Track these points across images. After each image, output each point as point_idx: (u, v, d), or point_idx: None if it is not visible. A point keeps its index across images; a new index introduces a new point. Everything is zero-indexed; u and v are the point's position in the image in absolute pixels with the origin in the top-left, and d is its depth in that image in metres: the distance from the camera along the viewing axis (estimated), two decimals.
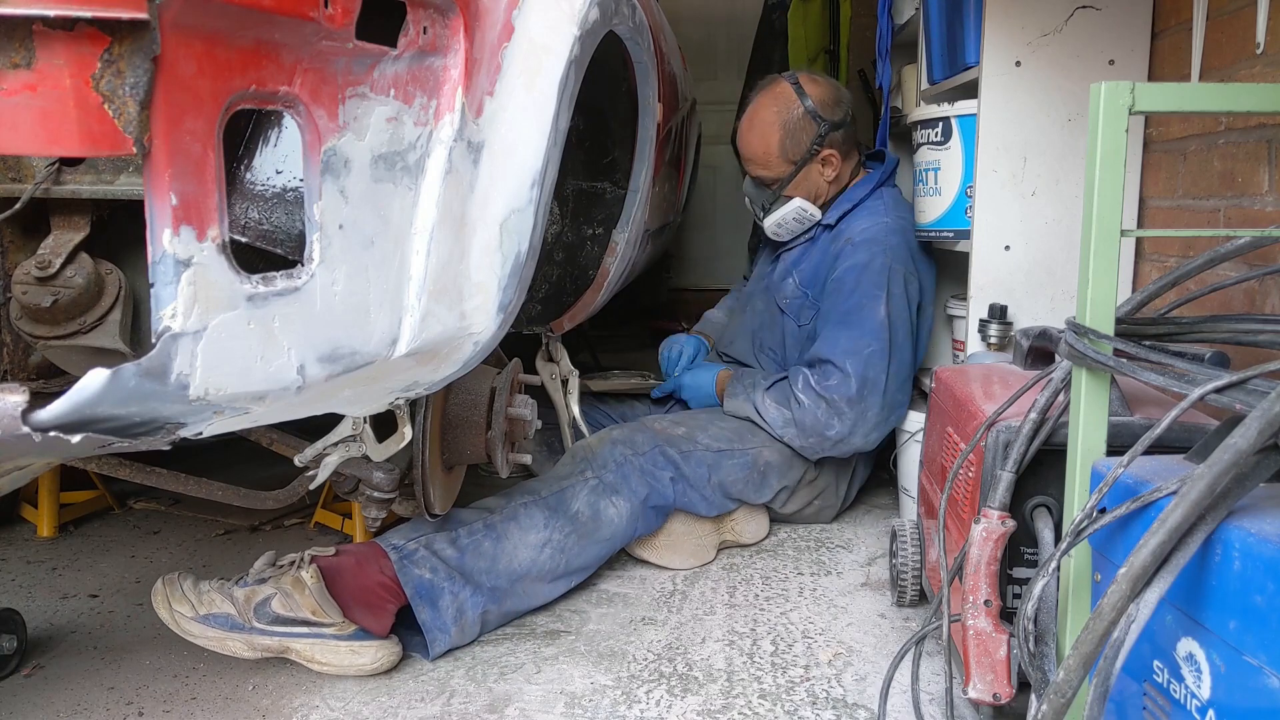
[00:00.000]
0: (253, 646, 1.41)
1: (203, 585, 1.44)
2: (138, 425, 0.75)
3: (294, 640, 1.41)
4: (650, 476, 1.79)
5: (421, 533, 1.53)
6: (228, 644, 1.41)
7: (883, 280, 1.94)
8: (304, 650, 1.42)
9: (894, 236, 2.00)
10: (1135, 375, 0.93)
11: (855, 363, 1.89)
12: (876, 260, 1.96)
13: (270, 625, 1.41)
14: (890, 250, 1.98)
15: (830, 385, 1.89)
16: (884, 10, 2.43)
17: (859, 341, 1.91)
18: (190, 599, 1.41)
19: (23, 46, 0.62)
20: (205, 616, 1.40)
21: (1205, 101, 1.05)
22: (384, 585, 1.47)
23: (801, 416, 1.91)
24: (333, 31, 0.79)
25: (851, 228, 2.06)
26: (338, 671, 1.42)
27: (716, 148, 4.17)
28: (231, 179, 0.91)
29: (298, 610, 1.41)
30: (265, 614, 1.41)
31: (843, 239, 2.05)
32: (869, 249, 1.98)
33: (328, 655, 1.41)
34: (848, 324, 1.94)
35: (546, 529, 1.62)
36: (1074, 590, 1.01)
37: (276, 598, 1.41)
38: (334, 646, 1.41)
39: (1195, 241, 1.56)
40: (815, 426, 1.90)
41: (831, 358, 1.91)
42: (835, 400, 1.88)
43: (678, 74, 2.43)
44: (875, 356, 1.90)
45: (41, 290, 0.88)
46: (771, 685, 1.41)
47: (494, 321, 1.12)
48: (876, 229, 2.02)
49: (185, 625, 1.40)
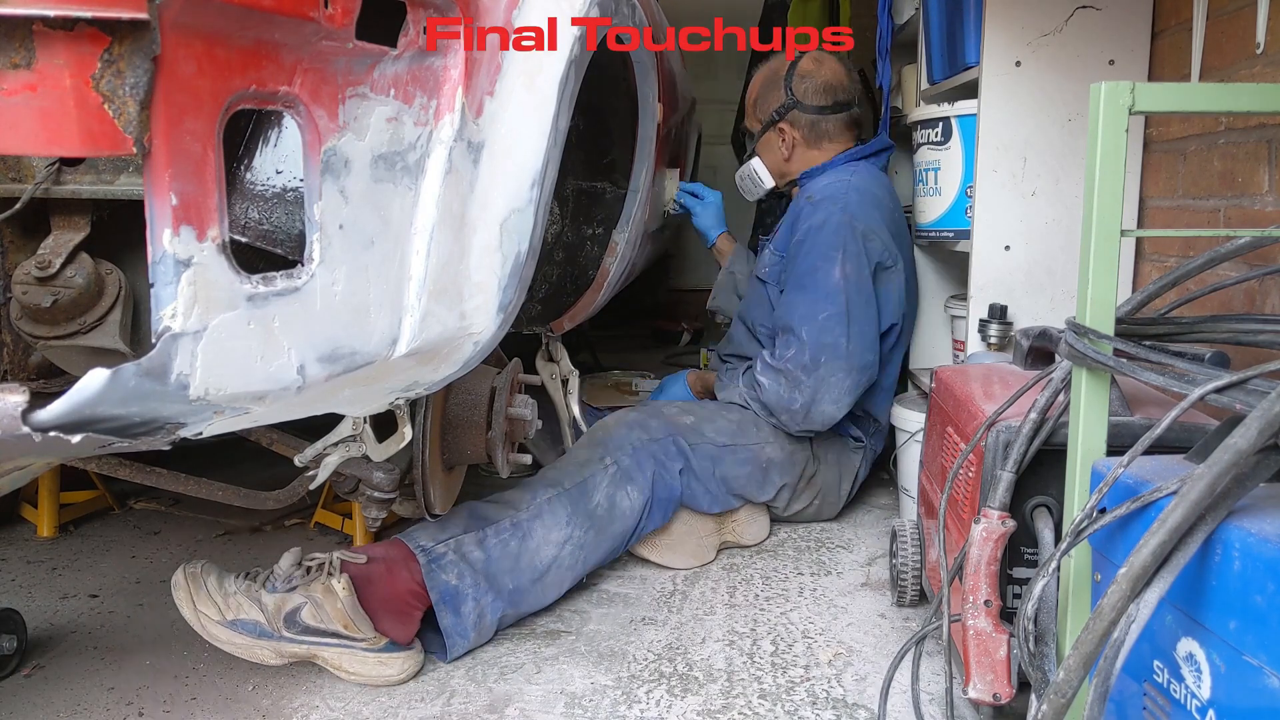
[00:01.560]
0: (280, 654, 1.39)
1: (228, 585, 1.39)
2: (138, 425, 0.75)
3: (323, 649, 1.40)
4: (662, 465, 1.79)
5: (450, 534, 1.51)
6: (255, 651, 1.38)
7: (838, 240, 1.92)
8: (332, 658, 1.40)
9: (853, 194, 1.98)
10: (1135, 375, 0.93)
11: (810, 329, 1.88)
12: (833, 218, 1.94)
13: (300, 635, 1.38)
14: (847, 207, 1.95)
15: (788, 357, 1.90)
16: (884, 10, 2.43)
17: (814, 306, 1.90)
18: (216, 600, 1.37)
19: (23, 46, 0.62)
20: (233, 622, 1.37)
21: (1205, 101, 1.05)
22: (412, 591, 1.45)
23: (764, 398, 1.93)
24: (333, 31, 0.79)
25: (813, 186, 2.08)
26: (364, 681, 1.40)
27: (716, 148, 4.17)
28: (231, 179, 0.91)
29: (329, 623, 1.39)
30: (295, 624, 1.38)
31: (804, 197, 2.07)
32: (826, 207, 1.97)
33: (356, 665, 1.40)
34: (803, 287, 1.94)
35: (569, 526, 1.62)
36: (1074, 590, 1.01)
37: (307, 608, 1.38)
38: (364, 658, 1.40)
39: (1195, 241, 1.56)
40: (779, 404, 1.91)
41: (789, 324, 1.92)
42: (792, 372, 1.89)
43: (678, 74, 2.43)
44: (831, 320, 1.88)
45: (41, 290, 0.88)
46: (771, 685, 1.41)
47: (494, 321, 1.12)
48: (835, 186, 2.01)
49: (212, 629, 1.36)
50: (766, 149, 2.21)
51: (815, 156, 2.16)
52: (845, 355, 1.88)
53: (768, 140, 2.19)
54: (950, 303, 2.08)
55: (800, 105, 2.12)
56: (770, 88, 2.17)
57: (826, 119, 2.13)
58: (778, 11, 3.67)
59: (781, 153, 2.18)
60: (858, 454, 2.08)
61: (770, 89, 2.16)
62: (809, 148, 2.15)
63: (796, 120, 2.13)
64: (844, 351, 1.88)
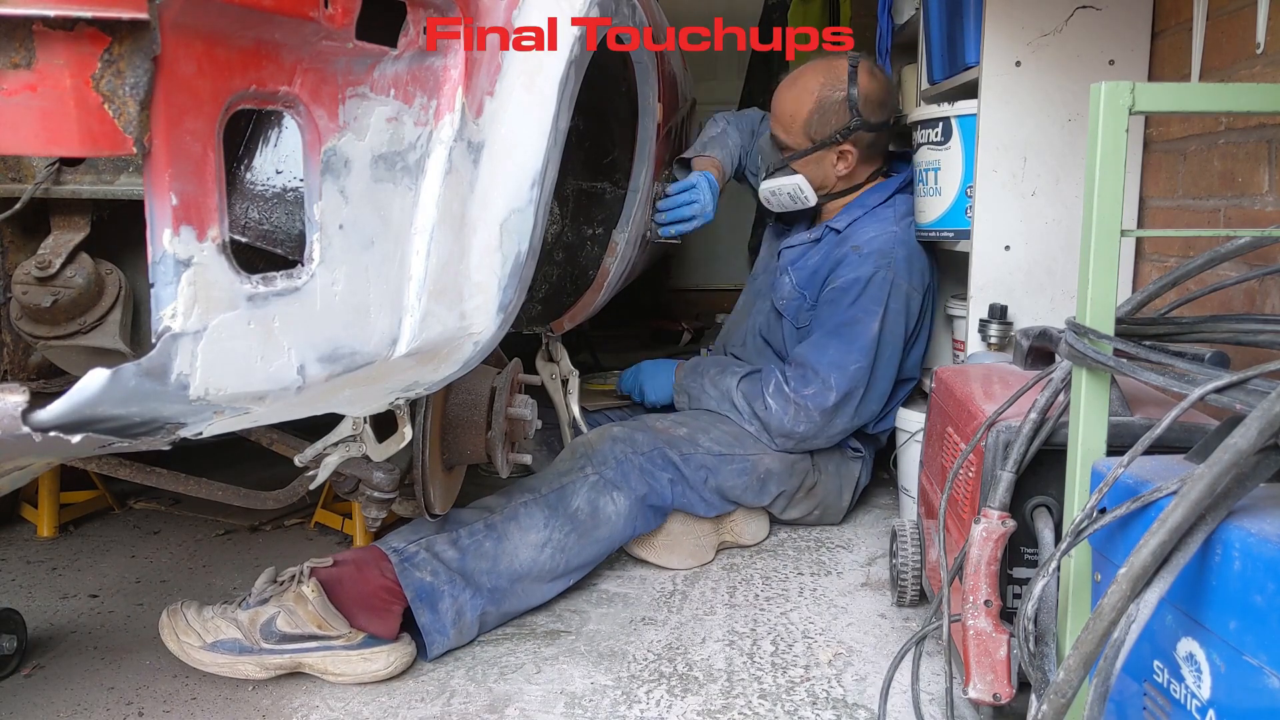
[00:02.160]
0: (264, 667, 1.40)
1: (206, 612, 1.43)
2: (138, 425, 0.75)
3: (305, 655, 1.41)
4: (650, 476, 1.78)
5: (422, 534, 1.53)
6: (239, 668, 1.40)
7: (882, 296, 1.94)
8: (316, 664, 1.41)
9: (900, 249, 1.98)
10: (1135, 375, 0.93)
11: (840, 378, 1.90)
12: (880, 274, 1.95)
13: (279, 644, 1.40)
14: (894, 264, 1.96)
15: (807, 394, 1.90)
16: (884, 10, 2.43)
17: (847, 356, 1.91)
18: (196, 628, 1.41)
19: (23, 46, 0.62)
20: (213, 644, 1.40)
21: (1205, 101, 1.05)
22: (386, 588, 1.46)
23: (768, 419, 1.93)
24: (333, 31, 0.79)
25: (859, 234, 2.04)
26: (354, 680, 1.41)
27: None
28: (231, 179, 0.91)
29: (303, 626, 1.40)
30: (272, 634, 1.40)
31: (848, 245, 2.03)
32: (874, 261, 1.96)
33: (340, 666, 1.41)
34: (839, 335, 1.94)
35: (547, 528, 1.62)
36: (1074, 590, 1.01)
37: (280, 616, 1.40)
38: (345, 656, 1.41)
39: (1195, 241, 1.56)
40: (780, 428, 1.92)
41: (816, 366, 1.91)
42: (809, 409, 1.90)
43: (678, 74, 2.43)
44: (859, 374, 1.91)
45: (41, 290, 0.88)
46: (771, 685, 1.41)
47: (494, 321, 1.12)
48: (884, 240, 2.00)
49: (195, 655, 1.40)
50: (815, 165, 2.09)
51: (864, 171, 2.13)
52: (858, 405, 1.93)
53: (820, 158, 2.08)
54: (950, 303, 2.08)
55: (867, 125, 2.04)
56: (831, 108, 2.03)
57: (883, 134, 2.09)
58: (778, 11, 3.68)
59: (838, 170, 2.09)
60: (857, 463, 2.07)
61: (831, 109, 2.03)
62: (864, 164, 2.11)
63: (860, 140, 2.06)
64: (859, 402, 1.92)
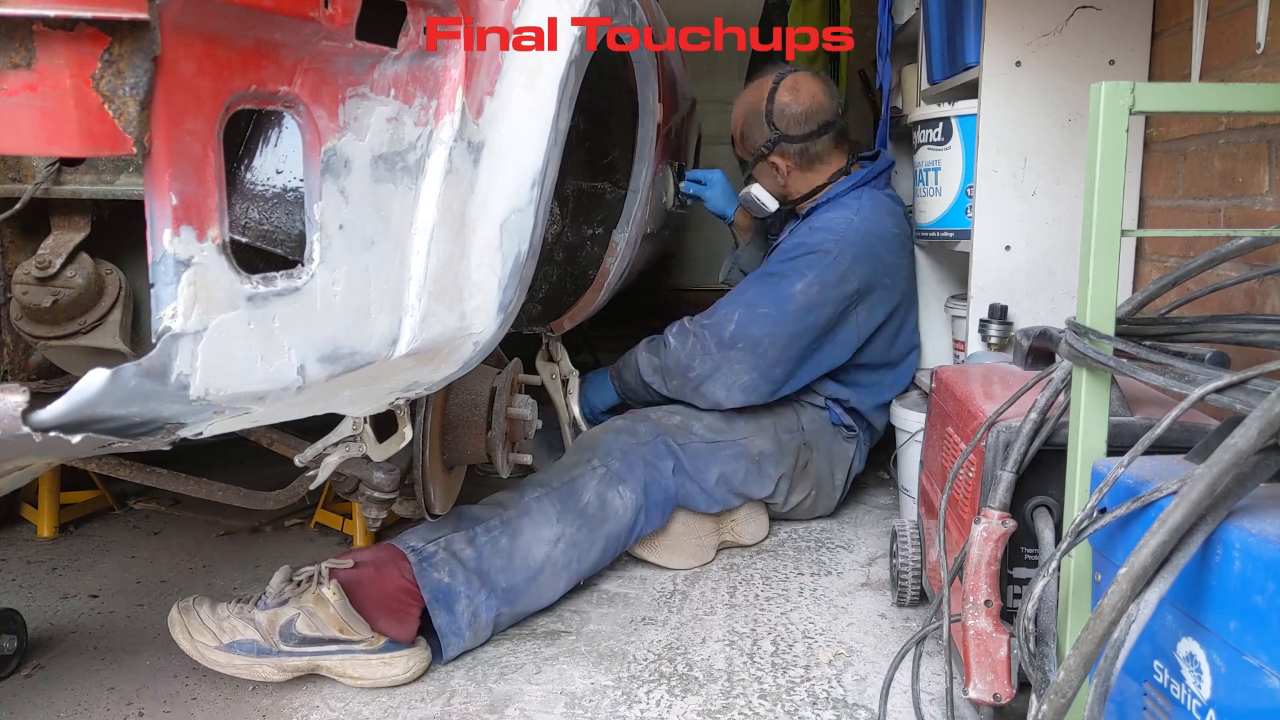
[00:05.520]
0: (282, 669, 1.38)
1: (221, 610, 1.40)
2: (138, 425, 0.75)
3: (324, 658, 1.39)
4: (653, 467, 1.79)
5: (440, 534, 1.52)
6: (257, 670, 1.37)
7: (816, 263, 1.94)
8: (335, 666, 1.40)
9: (852, 234, 1.98)
10: (1135, 375, 0.93)
11: (743, 314, 1.91)
12: (824, 245, 1.96)
13: (298, 647, 1.38)
14: (843, 243, 1.96)
15: (707, 324, 1.93)
16: (884, 10, 2.43)
17: (759, 299, 1.92)
18: (211, 628, 1.38)
19: (23, 46, 0.62)
20: (230, 645, 1.37)
21: (1205, 101, 1.05)
22: (405, 589, 1.45)
23: (666, 358, 1.96)
24: (333, 31, 0.79)
25: (818, 218, 2.09)
26: (372, 684, 1.40)
27: (716, 148, 4.17)
28: (231, 179, 0.91)
29: (324, 629, 1.38)
30: (291, 636, 1.38)
31: (807, 224, 2.10)
32: (821, 235, 1.99)
33: (360, 669, 1.39)
34: (759, 282, 1.97)
35: (559, 523, 1.62)
36: (1074, 590, 1.01)
37: (301, 618, 1.38)
38: (366, 660, 1.39)
39: (1195, 241, 1.56)
40: (676, 366, 1.94)
41: (725, 303, 1.95)
42: (705, 339, 1.91)
43: (678, 74, 2.43)
44: (766, 319, 1.90)
45: (41, 290, 0.88)
46: (772, 685, 1.41)
47: (494, 321, 1.12)
48: (838, 222, 2.02)
49: (210, 655, 1.37)
50: (763, 176, 2.21)
51: (813, 178, 2.16)
52: (759, 354, 1.89)
53: (761, 170, 2.20)
54: (950, 303, 2.08)
55: (786, 137, 2.11)
56: (752, 123, 2.15)
57: (814, 143, 2.13)
58: (778, 11, 3.68)
59: (778, 180, 2.18)
60: (850, 444, 2.08)
61: (753, 124, 2.15)
62: (804, 171, 2.16)
63: (785, 150, 2.13)
64: (761, 349, 1.89)
